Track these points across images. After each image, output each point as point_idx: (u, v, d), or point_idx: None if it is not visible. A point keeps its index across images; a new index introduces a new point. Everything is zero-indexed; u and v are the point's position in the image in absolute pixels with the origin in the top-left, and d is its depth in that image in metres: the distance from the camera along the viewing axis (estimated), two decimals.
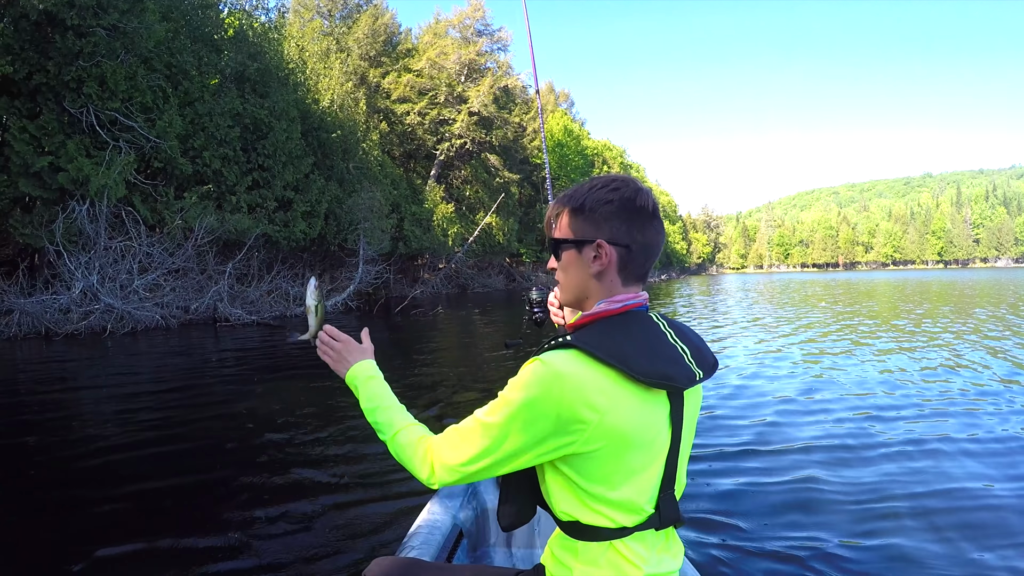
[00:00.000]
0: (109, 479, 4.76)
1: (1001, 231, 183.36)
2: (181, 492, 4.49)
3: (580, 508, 1.39)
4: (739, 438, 5.80)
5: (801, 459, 5.15)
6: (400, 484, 4.36)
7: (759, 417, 6.59)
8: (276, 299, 20.30)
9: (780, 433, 5.99)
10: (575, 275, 1.51)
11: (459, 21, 44.14)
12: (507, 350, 2.94)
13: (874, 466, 4.94)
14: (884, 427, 6.10)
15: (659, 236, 1.50)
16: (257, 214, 21.11)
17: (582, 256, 1.48)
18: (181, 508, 4.19)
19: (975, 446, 5.49)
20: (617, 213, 1.45)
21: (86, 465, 5.11)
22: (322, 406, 7.08)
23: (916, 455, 5.21)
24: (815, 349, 11.89)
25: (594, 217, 1.46)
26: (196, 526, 3.85)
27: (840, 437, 5.77)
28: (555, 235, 1.54)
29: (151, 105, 18.03)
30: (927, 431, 5.95)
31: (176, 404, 7.47)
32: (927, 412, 6.72)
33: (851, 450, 5.38)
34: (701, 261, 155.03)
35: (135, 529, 3.79)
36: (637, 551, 1.40)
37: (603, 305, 1.47)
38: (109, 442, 5.73)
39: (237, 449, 5.58)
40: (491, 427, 1.36)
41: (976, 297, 27.08)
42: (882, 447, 5.44)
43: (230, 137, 20.13)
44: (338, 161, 26.89)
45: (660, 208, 1.53)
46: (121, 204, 17.30)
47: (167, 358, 11.72)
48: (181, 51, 19.56)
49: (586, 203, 1.46)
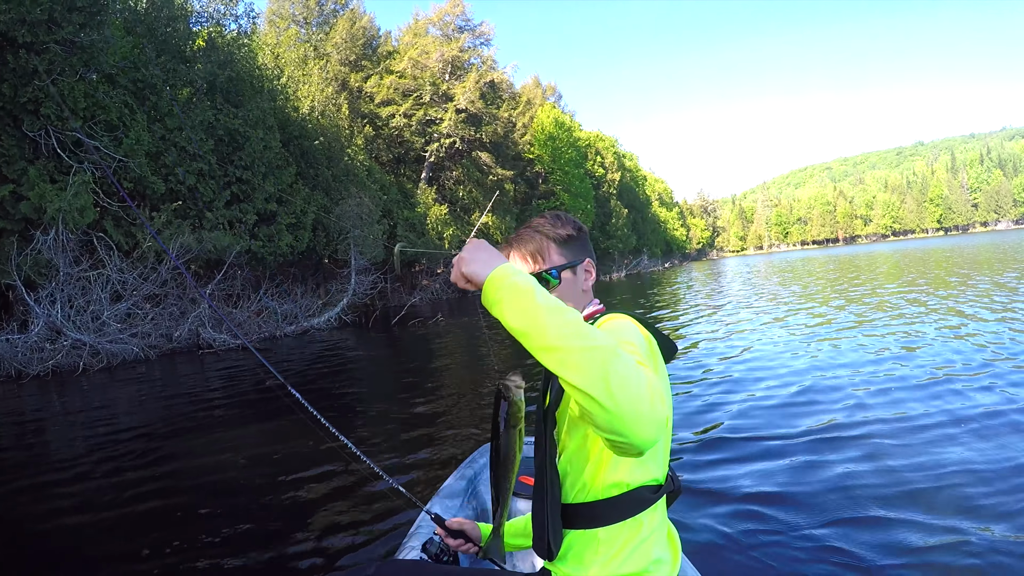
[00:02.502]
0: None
1: (999, 194, 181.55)
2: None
3: (632, 467, 1.52)
4: (740, 429, 5.59)
5: (801, 455, 4.83)
6: (399, 484, 3.91)
7: (758, 408, 6.31)
8: (265, 319, 19.02)
9: (781, 424, 5.67)
10: (571, 294, 1.75)
11: (439, 18, 43.23)
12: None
13: (879, 458, 4.60)
14: (881, 414, 5.71)
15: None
16: (238, 229, 19.85)
17: (576, 276, 1.77)
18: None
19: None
20: (584, 238, 1.82)
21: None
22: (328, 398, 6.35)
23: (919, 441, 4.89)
24: (813, 330, 11.35)
25: (578, 242, 1.79)
26: (196, 544, 3.77)
27: (841, 427, 5.40)
28: (550, 266, 1.74)
29: (116, 123, 16.93)
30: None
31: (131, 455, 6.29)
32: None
33: (859, 441, 5.02)
34: (701, 246, 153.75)
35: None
36: (652, 524, 1.56)
37: (592, 307, 1.78)
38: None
39: (229, 463, 5.43)
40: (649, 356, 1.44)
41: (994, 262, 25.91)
42: (883, 437, 5.07)
43: (204, 150, 18.89)
44: (323, 169, 25.67)
45: (657, 195, 3.96)
46: (92, 231, 16.23)
47: (130, 397, 10.51)
48: (147, 64, 18.41)
49: (570, 233, 1.78)
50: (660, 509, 1.60)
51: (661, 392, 1.17)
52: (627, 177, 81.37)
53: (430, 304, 31.76)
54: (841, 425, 5.44)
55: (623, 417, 1.11)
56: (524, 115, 52.31)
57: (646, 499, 1.54)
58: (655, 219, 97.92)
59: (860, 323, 11.42)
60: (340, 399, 8.34)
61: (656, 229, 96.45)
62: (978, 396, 5.93)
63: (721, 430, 5.59)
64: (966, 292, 14.61)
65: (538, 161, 51.64)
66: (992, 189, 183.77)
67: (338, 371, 11.19)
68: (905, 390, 6.37)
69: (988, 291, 14.28)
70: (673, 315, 16.56)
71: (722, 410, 6.28)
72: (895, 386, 6.58)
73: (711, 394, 7.00)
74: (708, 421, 5.91)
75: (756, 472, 4.50)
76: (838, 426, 5.42)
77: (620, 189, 74.00)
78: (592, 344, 1.15)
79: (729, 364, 8.82)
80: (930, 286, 16.92)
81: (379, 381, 9.65)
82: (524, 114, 52.37)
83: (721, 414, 6.13)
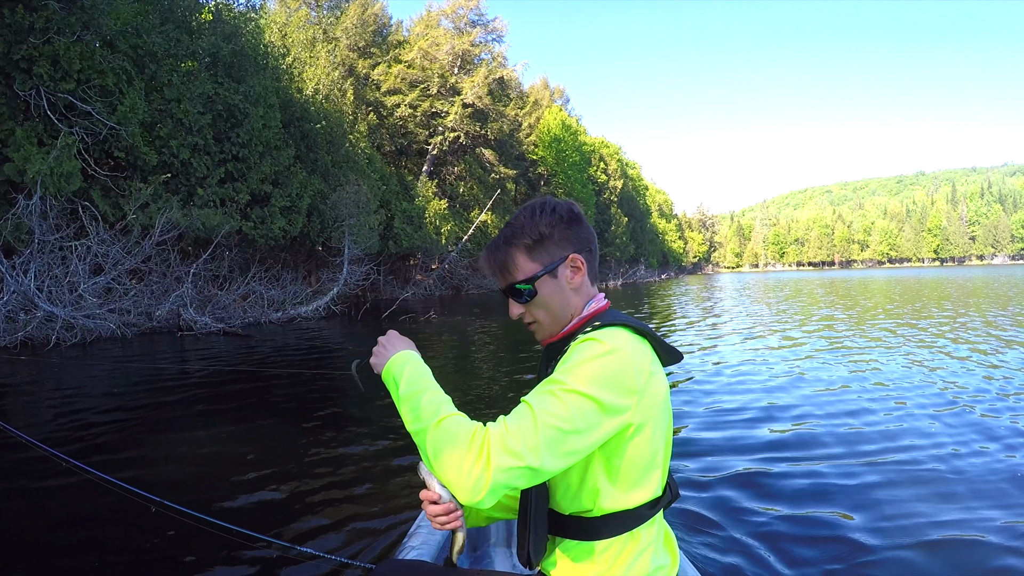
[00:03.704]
0: None
1: (998, 228, 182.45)
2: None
3: (631, 492, 1.44)
4: (738, 433, 5.61)
5: (803, 454, 4.95)
6: (398, 484, 4.24)
7: (756, 411, 6.39)
8: (252, 304, 18.36)
9: (780, 427, 5.74)
10: (557, 300, 1.56)
11: (452, 11, 42.75)
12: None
13: (880, 463, 4.66)
14: (882, 423, 5.84)
15: (593, 233, 1.63)
16: (229, 208, 19.17)
17: (558, 279, 1.56)
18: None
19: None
20: (568, 226, 1.57)
21: None
22: (309, 407, 6.91)
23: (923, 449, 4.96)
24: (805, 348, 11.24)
25: (554, 239, 1.55)
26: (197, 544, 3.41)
27: (844, 432, 5.51)
28: (521, 277, 1.56)
29: (112, 88, 16.30)
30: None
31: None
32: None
33: (858, 445, 5.13)
34: (697, 260, 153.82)
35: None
36: (651, 535, 1.50)
37: (593, 304, 1.59)
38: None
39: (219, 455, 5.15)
40: (572, 397, 1.31)
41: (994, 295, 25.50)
42: (885, 440, 5.23)
43: (200, 124, 18.25)
44: (322, 154, 25.01)
45: (657, 206, 3.33)
46: (78, 199, 15.59)
47: (98, 376, 9.89)
48: (149, 31, 17.76)
49: (541, 232, 1.55)
50: (658, 517, 1.55)
51: (504, 443, 1.24)
52: (629, 186, 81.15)
53: (423, 300, 31.10)
54: (837, 429, 5.60)
55: (449, 487, 1.28)
56: (531, 115, 51.85)
57: (644, 515, 1.48)
58: (654, 230, 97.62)
59: (877, 343, 10.96)
60: (328, 397, 7.77)
61: (654, 240, 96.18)
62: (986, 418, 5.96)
63: (720, 431, 5.68)
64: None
65: (541, 163, 51.12)
66: (991, 223, 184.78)
67: (321, 361, 10.61)
68: (912, 409, 6.35)
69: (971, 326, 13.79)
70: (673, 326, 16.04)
71: (722, 411, 6.40)
72: (893, 399, 6.75)
73: (712, 395, 7.14)
74: (709, 422, 5.98)
75: (756, 472, 4.53)
76: (836, 430, 5.58)
77: (621, 197, 73.71)
78: (419, 427, 1.35)
79: (729, 365, 9.04)
80: (918, 318, 16.46)
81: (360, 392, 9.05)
82: (531, 114, 51.92)
83: (721, 415, 6.25)
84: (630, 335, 1.43)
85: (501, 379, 8.68)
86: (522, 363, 10.00)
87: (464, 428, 1.28)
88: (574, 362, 1.35)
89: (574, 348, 1.40)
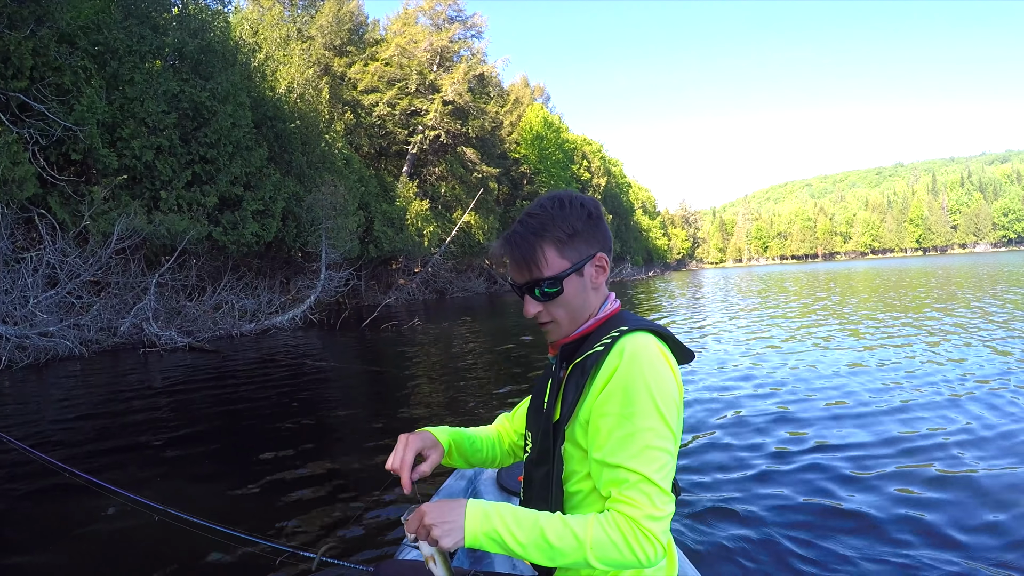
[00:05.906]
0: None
1: (979, 217, 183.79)
2: None
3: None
4: (738, 433, 5.56)
5: (803, 453, 4.89)
6: (397, 485, 3.38)
7: (758, 410, 6.38)
8: (224, 315, 17.25)
9: (781, 427, 5.69)
10: (579, 300, 1.50)
11: (430, 7, 41.78)
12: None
13: (882, 462, 4.62)
14: (884, 422, 5.74)
15: (610, 232, 1.55)
16: (196, 213, 18.04)
17: (584, 278, 1.49)
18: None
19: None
20: (596, 223, 1.50)
21: None
22: (303, 412, 6.97)
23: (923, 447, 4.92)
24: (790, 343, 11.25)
25: (584, 236, 1.48)
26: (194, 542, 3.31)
27: (844, 431, 5.45)
28: (548, 274, 1.46)
29: (69, 87, 15.25)
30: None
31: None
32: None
33: (860, 443, 5.08)
34: (681, 257, 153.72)
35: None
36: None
37: (608, 305, 1.54)
38: None
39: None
40: (653, 436, 1.31)
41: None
42: (885, 440, 5.16)
43: (165, 124, 17.15)
44: (297, 154, 23.91)
45: (640, 203, 3.18)
46: (35, 207, 14.53)
47: (43, 404, 8.87)
48: (111, 27, 16.68)
49: (573, 227, 1.46)
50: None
51: (647, 532, 1.25)
52: (612, 183, 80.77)
53: (406, 306, 29.97)
54: (837, 428, 5.56)
55: (625, 566, 1.28)
56: (512, 113, 51.01)
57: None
58: (638, 227, 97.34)
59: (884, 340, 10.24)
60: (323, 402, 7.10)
61: (639, 237, 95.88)
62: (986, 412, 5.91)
63: (720, 431, 5.66)
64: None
65: (524, 161, 50.25)
66: (972, 212, 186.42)
67: (299, 379, 9.63)
68: (912, 407, 6.24)
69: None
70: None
71: (722, 410, 6.39)
72: (891, 397, 6.64)
73: (711, 398, 7.05)
74: (708, 424, 5.91)
75: (755, 472, 4.51)
76: (836, 429, 5.53)
77: (605, 195, 73.16)
78: (571, 561, 1.27)
79: (727, 368, 8.93)
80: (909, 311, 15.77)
81: (339, 410, 8.07)
82: (512, 112, 51.08)
83: (721, 414, 6.24)
84: (655, 340, 1.40)
85: (497, 392, 7.91)
86: (516, 379, 9.14)
87: (611, 531, 1.26)
88: (635, 396, 1.31)
89: (620, 370, 1.34)
